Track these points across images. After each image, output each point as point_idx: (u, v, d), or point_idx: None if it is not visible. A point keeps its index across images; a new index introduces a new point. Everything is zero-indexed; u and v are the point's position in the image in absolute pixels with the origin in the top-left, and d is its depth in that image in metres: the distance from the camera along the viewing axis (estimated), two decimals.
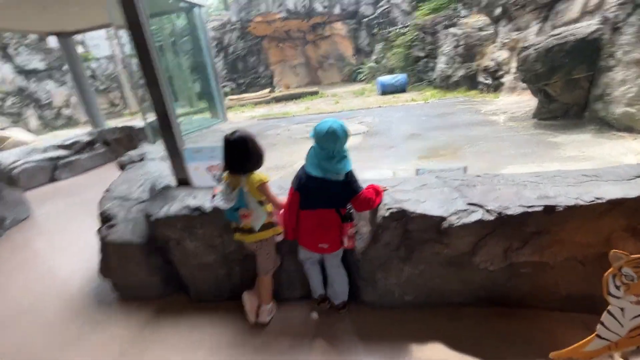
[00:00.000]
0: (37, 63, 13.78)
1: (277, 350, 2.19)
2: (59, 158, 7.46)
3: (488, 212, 1.95)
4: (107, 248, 2.80)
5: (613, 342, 1.70)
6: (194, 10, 8.55)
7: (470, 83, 9.73)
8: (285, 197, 2.39)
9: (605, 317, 1.69)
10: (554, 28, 6.00)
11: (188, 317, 2.61)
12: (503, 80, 8.36)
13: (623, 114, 3.95)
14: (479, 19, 10.05)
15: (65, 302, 3.01)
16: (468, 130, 5.00)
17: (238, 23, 16.82)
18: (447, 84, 10.32)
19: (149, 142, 7.01)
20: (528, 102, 5.89)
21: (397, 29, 13.74)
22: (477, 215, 1.96)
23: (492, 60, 8.89)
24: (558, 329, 2.06)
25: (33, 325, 2.77)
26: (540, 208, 1.88)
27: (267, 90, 15.22)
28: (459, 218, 1.96)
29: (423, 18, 12.30)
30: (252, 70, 17.66)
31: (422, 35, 12.11)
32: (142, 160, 4.29)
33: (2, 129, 10.78)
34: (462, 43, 10.00)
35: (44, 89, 13.88)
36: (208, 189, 2.72)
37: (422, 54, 12.18)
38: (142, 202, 3.02)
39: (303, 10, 15.98)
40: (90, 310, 2.87)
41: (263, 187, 2.20)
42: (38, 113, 13.64)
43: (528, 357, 1.92)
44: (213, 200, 2.42)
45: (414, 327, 2.22)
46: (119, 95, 16.76)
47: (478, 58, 9.66)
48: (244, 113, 11.54)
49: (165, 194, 2.81)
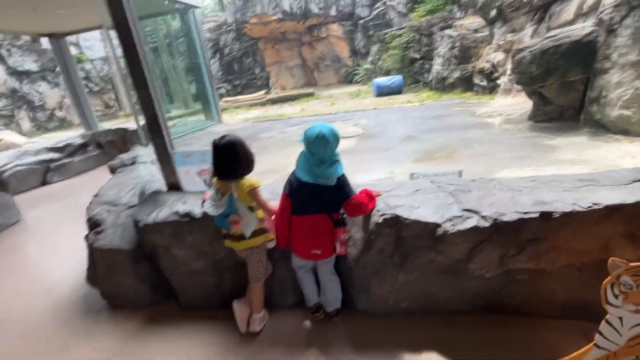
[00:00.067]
0: (30, 64, 13.62)
1: None
2: (51, 161, 7.37)
3: (483, 218, 1.91)
4: (94, 255, 2.73)
5: (612, 351, 1.66)
6: (189, 12, 8.48)
7: (466, 85, 9.73)
8: (277, 202, 2.34)
9: (604, 326, 1.66)
10: (549, 30, 5.99)
11: (177, 326, 2.55)
12: (498, 82, 8.36)
13: (619, 117, 3.94)
14: (475, 21, 10.07)
15: (53, 309, 2.95)
16: (463, 133, 4.98)
17: (234, 24, 16.77)
18: (443, 86, 10.32)
19: (142, 144, 6.93)
20: (523, 104, 5.89)
21: (393, 31, 13.75)
22: (472, 222, 1.91)
23: (487, 62, 8.89)
24: (555, 337, 2.03)
25: (18, 334, 2.70)
26: (537, 214, 1.84)
27: (262, 92, 15.17)
28: (454, 225, 1.92)
29: (419, 20, 12.32)
30: (248, 72, 17.60)
31: (418, 37, 12.12)
32: (133, 164, 4.22)
33: None
34: (457, 45, 10.01)
35: (37, 91, 13.72)
36: (198, 194, 2.67)
37: (418, 56, 12.18)
38: (131, 207, 2.96)
39: (299, 12, 15.95)
40: (78, 319, 2.81)
41: (253, 192, 2.14)
42: (31, 115, 13.48)
43: None
44: (203, 206, 2.36)
45: (409, 334, 2.18)
46: (114, 97, 16.64)
47: (473, 60, 9.67)
48: (239, 115, 11.47)
49: (155, 199, 2.75)
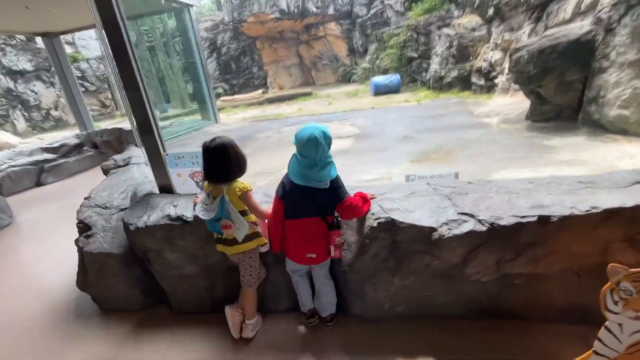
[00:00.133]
0: (24, 64, 13.48)
1: None
2: (46, 161, 7.30)
3: (480, 222, 1.86)
4: (84, 259, 2.68)
5: (611, 358, 1.63)
6: (185, 10, 8.40)
7: (464, 84, 9.69)
8: (270, 205, 2.30)
9: (603, 333, 1.63)
10: (547, 29, 5.96)
11: (169, 331, 2.51)
12: (496, 81, 8.33)
13: (617, 117, 3.90)
14: (472, 20, 10.03)
15: (44, 313, 2.90)
16: (461, 133, 4.94)
17: (231, 23, 16.67)
18: (440, 85, 10.28)
19: (138, 145, 6.85)
20: (521, 103, 5.85)
21: (390, 30, 13.70)
22: (468, 226, 1.87)
23: (485, 61, 8.85)
24: (553, 342, 1.99)
25: (7, 338, 2.64)
26: (534, 218, 1.80)
27: (260, 91, 15.10)
28: (450, 229, 1.88)
29: (416, 18, 12.26)
30: (245, 71, 17.51)
31: (415, 36, 12.08)
32: (127, 165, 4.16)
33: None
34: (455, 44, 9.97)
35: (32, 90, 13.59)
36: (191, 196, 2.62)
37: (415, 55, 12.14)
38: (122, 210, 2.90)
39: (296, 11, 15.87)
40: (69, 323, 2.76)
41: (245, 196, 2.09)
42: (26, 115, 13.36)
43: None
44: (194, 209, 2.31)
45: (404, 339, 2.14)
46: (110, 96, 16.52)
47: (471, 59, 9.63)
48: (236, 114, 11.41)
49: (146, 202, 2.69)
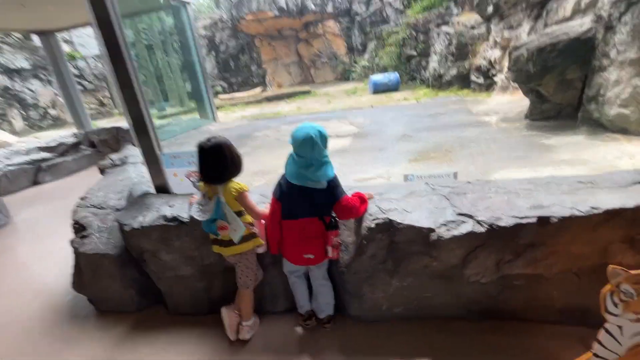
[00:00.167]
0: (21, 62, 13.40)
1: None
2: (43, 160, 7.25)
3: (479, 223, 1.84)
4: (79, 260, 2.65)
5: None
6: (182, 8, 8.34)
7: (463, 82, 9.66)
8: (267, 205, 2.27)
9: (602, 335, 1.60)
10: (546, 27, 5.92)
11: (165, 333, 2.48)
12: (495, 80, 8.29)
13: (617, 116, 3.87)
14: (471, 18, 9.98)
15: (40, 314, 2.87)
16: (459, 132, 4.91)
17: (229, 21, 16.60)
18: (439, 83, 10.24)
19: (135, 144, 6.82)
20: (520, 102, 5.82)
21: (389, 28, 13.64)
22: (467, 227, 1.84)
23: (484, 59, 8.82)
24: (552, 343, 1.98)
25: (4, 340, 2.62)
26: (534, 219, 1.78)
27: (259, 90, 15.05)
28: (449, 230, 1.85)
29: (415, 16, 12.21)
30: (244, 69, 17.44)
31: (414, 34, 12.03)
32: (123, 164, 4.12)
33: None
34: (454, 42, 9.92)
35: (30, 89, 13.51)
36: (187, 197, 2.59)
37: (414, 53, 12.09)
38: (118, 210, 2.87)
39: (295, 8, 15.80)
40: (65, 325, 2.74)
41: (241, 196, 2.06)
42: (24, 113, 13.28)
43: None
44: (190, 210, 2.29)
45: (403, 340, 2.13)
46: (108, 95, 16.44)
47: (470, 57, 9.60)
48: (235, 113, 11.36)
49: (142, 202, 2.66)
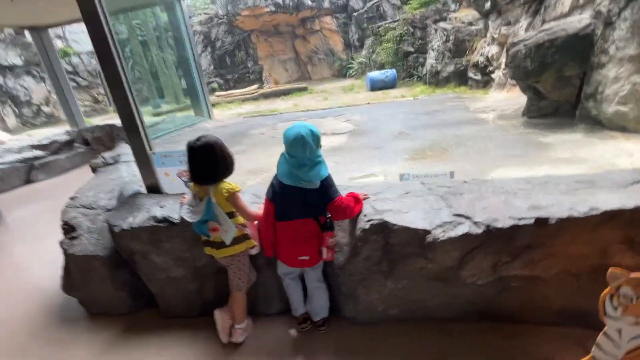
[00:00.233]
0: (14, 58, 13.21)
1: None
2: (35, 159, 7.16)
3: (475, 224, 1.80)
4: (69, 261, 2.60)
5: None
6: (176, 3, 8.22)
7: (460, 79, 9.60)
8: (260, 206, 2.22)
9: (601, 338, 1.58)
10: (544, 23, 5.87)
11: (157, 335, 2.44)
12: (493, 76, 8.24)
13: (615, 113, 3.84)
14: (469, 14, 9.91)
15: (30, 316, 2.82)
16: (456, 129, 4.86)
17: (225, 17, 16.42)
18: (436, 80, 10.17)
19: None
20: (518, 99, 5.79)
21: (386, 24, 13.55)
22: (463, 228, 1.80)
23: (481, 56, 8.76)
24: (550, 345, 1.95)
25: None
26: (532, 220, 1.74)
27: (255, 86, 14.92)
28: (444, 231, 1.81)
29: (413, 12, 12.12)
30: (240, 66, 17.27)
31: (411, 30, 11.94)
32: (115, 163, 4.06)
33: None
34: (451, 38, 9.85)
35: (22, 86, 13.33)
36: (178, 196, 2.54)
37: (411, 49, 12.01)
38: (109, 210, 2.82)
39: (291, 4, 15.66)
40: (55, 327, 2.69)
41: (233, 197, 2.01)
42: (16, 111, 13.11)
43: None
44: (181, 211, 2.23)
45: (398, 342, 2.10)
46: (102, 92, 16.26)
47: (467, 53, 9.53)
48: (231, 110, 11.26)
49: (132, 203, 2.61)
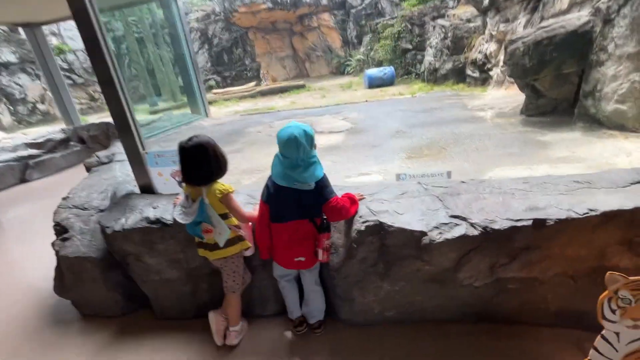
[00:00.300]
0: (8, 55, 13.05)
1: None
2: (30, 157, 7.10)
3: (472, 226, 1.77)
4: (61, 263, 2.56)
5: None
6: (171, 0, 8.14)
7: (458, 76, 9.56)
8: (254, 207, 2.19)
9: (599, 342, 1.56)
10: (543, 20, 5.84)
11: (151, 337, 2.41)
12: (491, 74, 8.21)
13: (614, 111, 3.82)
14: (467, 10, 9.86)
15: (22, 319, 2.79)
16: (454, 127, 4.83)
17: (222, 14, 16.31)
18: (435, 77, 10.13)
19: None
20: (516, 96, 5.76)
21: (384, 20, 13.47)
22: (460, 230, 1.77)
23: (479, 53, 8.72)
24: (547, 346, 1.94)
25: None
26: (529, 222, 1.71)
27: (252, 84, 14.84)
28: (441, 233, 1.78)
29: (411, 9, 12.05)
30: (238, 63, 17.17)
31: (409, 27, 11.87)
32: (110, 162, 4.01)
33: None
34: (449, 35, 9.80)
35: (17, 83, 13.19)
36: (171, 197, 2.50)
37: (410, 46, 11.95)
38: (101, 211, 2.77)
39: (289, 1, 15.56)
40: (48, 330, 2.65)
41: (226, 198, 1.98)
42: (11, 109, 12.98)
43: None
44: (174, 212, 2.20)
45: (395, 344, 2.08)
46: (99, 89, 16.13)
47: (466, 51, 9.49)
48: (228, 108, 11.20)
49: (125, 203, 2.57)
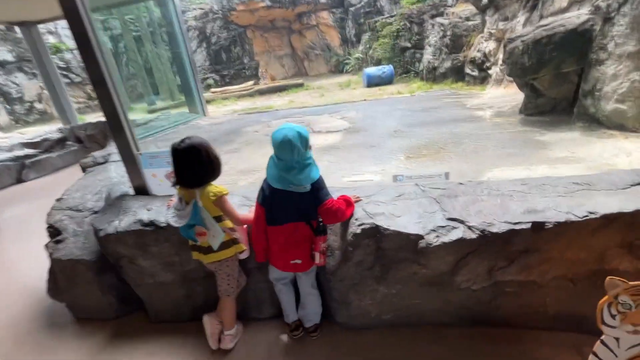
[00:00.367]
0: (5, 54, 12.97)
1: None
2: (27, 157, 7.06)
3: (470, 229, 1.74)
4: (54, 265, 2.53)
5: None
6: None
7: (457, 75, 9.52)
8: (250, 209, 2.16)
9: (599, 347, 1.53)
10: (542, 18, 5.80)
11: (145, 341, 2.38)
12: (490, 72, 8.17)
13: (614, 111, 3.78)
14: (466, 9, 9.81)
15: (16, 322, 2.76)
16: (453, 127, 4.80)
17: (220, 12, 16.23)
18: (433, 76, 10.09)
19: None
20: (515, 95, 5.72)
21: (383, 19, 13.41)
22: (457, 233, 1.74)
23: (478, 52, 8.68)
24: (546, 350, 1.91)
25: None
26: (528, 225, 1.68)
27: (251, 83, 14.78)
28: (438, 236, 1.75)
29: (409, 7, 11.99)
30: (236, 62, 17.09)
31: (408, 25, 11.82)
32: (105, 163, 3.98)
33: None
34: (448, 33, 9.76)
35: (14, 82, 13.12)
36: (166, 199, 2.46)
37: (408, 45, 11.90)
38: (95, 212, 2.74)
39: None
40: (42, 333, 2.63)
41: (220, 201, 1.94)
42: (8, 108, 12.91)
43: None
44: (167, 213, 2.17)
45: (392, 348, 2.06)
46: None
47: (465, 49, 9.45)
48: (226, 107, 11.14)
49: (119, 205, 2.53)
